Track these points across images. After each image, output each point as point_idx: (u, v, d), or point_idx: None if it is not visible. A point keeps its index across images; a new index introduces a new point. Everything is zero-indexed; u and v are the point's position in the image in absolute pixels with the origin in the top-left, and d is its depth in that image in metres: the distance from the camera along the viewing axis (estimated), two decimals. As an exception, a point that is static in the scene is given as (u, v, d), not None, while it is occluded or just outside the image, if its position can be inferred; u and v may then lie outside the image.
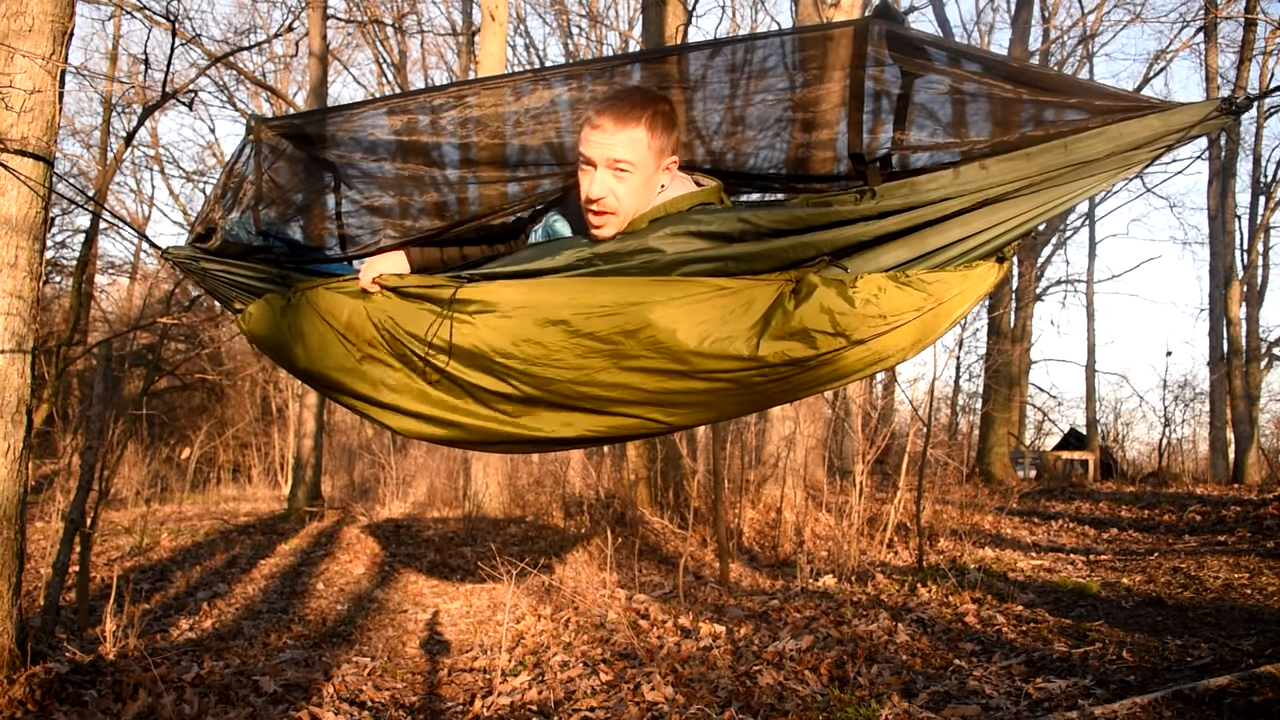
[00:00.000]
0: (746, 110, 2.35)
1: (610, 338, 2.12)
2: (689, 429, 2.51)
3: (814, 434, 11.42)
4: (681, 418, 2.31)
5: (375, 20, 19.89)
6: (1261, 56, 17.16)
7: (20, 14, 3.97)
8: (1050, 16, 21.82)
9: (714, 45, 2.27)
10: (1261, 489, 12.15)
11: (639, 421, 2.30)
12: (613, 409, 2.25)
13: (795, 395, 2.32)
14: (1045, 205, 2.16)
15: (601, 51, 23.12)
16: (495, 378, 2.24)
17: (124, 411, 10.60)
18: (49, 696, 3.76)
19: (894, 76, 2.15)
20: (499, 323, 2.20)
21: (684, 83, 2.25)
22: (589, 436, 2.36)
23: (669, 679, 4.56)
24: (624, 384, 2.17)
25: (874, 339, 2.13)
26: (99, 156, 19.92)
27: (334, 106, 2.69)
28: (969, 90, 2.13)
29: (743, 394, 2.21)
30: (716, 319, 2.10)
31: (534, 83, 2.28)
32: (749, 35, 3.22)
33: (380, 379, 2.38)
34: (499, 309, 2.19)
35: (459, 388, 2.30)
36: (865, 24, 2.08)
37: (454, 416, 2.35)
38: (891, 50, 2.10)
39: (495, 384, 2.25)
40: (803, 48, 2.19)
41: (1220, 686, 3.84)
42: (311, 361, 2.43)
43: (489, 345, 2.20)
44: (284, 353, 2.48)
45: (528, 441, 2.40)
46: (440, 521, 11.43)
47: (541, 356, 2.17)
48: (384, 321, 2.31)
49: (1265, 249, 18.62)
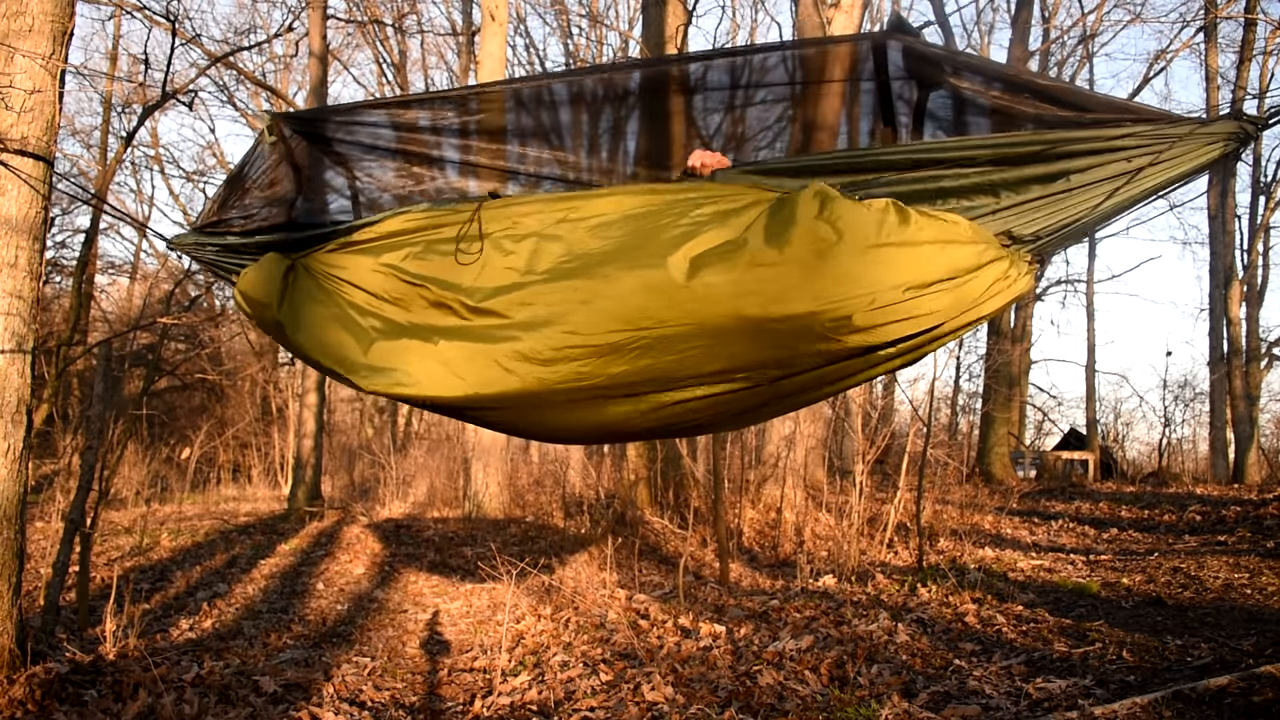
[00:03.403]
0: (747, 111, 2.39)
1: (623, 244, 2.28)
2: (692, 390, 2.53)
3: (814, 434, 11.42)
4: (679, 364, 2.34)
5: (375, 20, 19.88)
6: (1261, 56, 17.15)
7: (20, 14, 3.97)
8: (1050, 16, 21.81)
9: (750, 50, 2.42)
10: (1261, 489, 12.14)
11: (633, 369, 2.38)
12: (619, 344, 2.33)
13: (774, 313, 2.34)
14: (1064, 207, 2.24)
15: (601, 52, 23.13)
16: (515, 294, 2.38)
17: (124, 411, 10.60)
18: (49, 696, 3.76)
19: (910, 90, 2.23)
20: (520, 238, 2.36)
21: (683, 84, 2.31)
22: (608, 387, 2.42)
23: (669, 679, 4.56)
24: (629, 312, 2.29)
25: (862, 247, 2.21)
26: (99, 156, 19.93)
27: (340, 105, 2.81)
28: (978, 101, 2.20)
29: (745, 335, 2.27)
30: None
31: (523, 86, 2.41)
32: (790, 43, 3.63)
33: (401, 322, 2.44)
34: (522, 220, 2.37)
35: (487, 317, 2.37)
36: (882, 38, 2.15)
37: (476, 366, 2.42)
38: (909, 63, 2.18)
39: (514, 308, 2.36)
40: (805, 62, 2.27)
41: (1220, 686, 3.84)
42: (311, 322, 2.48)
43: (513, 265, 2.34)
44: (270, 314, 2.52)
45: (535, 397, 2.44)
46: (440, 521, 11.43)
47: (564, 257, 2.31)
48: (403, 257, 2.36)
49: (1265, 249, 18.61)
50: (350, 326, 2.43)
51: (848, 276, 2.24)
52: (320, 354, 2.50)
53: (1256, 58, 16.84)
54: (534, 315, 2.28)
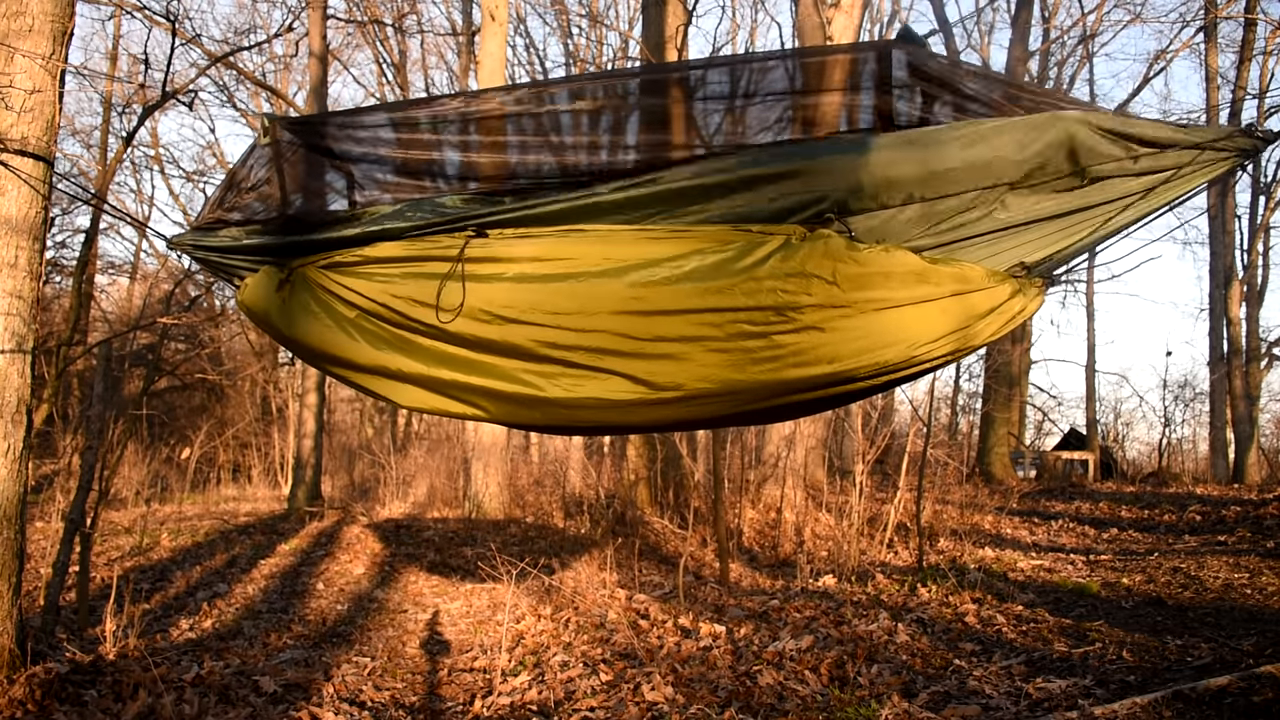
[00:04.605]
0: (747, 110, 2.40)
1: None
2: (680, 409, 2.56)
3: (814, 434, 11.43)
4: (664, 374, 2.34)
5: (375, 20, 19.87)
6: (1261, 56, 17.13)
7: (20, 14, 3.97)
8: (1050, 16, 21.81)
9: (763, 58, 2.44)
10: (1261, 489, 12.14)
11: (622, 381, 2.37)
12: (602, 362, 2.32)
13: (788, 377, 2.33)
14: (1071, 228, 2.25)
15: (601, 51, 23.13)
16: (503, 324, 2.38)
17: (124, 411, 10.60)
18: (49, 696, 3.76)
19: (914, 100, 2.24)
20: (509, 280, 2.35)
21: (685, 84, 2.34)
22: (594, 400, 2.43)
23: (669, 679, 4.56)
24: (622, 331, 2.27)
25: (876, 307, 2.18)
26: (99, 156, 19.92)
27: (338, 111, 2.83)
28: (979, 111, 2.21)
29: (731, 354, 2.25)
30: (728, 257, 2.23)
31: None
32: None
33: (392, 347, 2.45)
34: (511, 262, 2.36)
35: (469, 347, 2.39)
36: (887, 46, 2.16)
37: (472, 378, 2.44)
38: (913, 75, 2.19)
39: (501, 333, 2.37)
40: (805, 71, 2.28)
41: (1220, 686, 3.84)
42: (308, 334, 2.48)
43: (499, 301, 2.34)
44: (271, 323, 2.54)
45: (530, 400, 2.45)
46: (440, 521, 11.42)
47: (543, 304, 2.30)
48: (388, 291, 2.36)
49: (1265, 249, 18.58)
50: (349, 337, 2.46)
51: (859, 340, 2.23)
52: (331, 365, 2.55)
53: (1256, 58, 16.82)
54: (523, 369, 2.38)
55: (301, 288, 2.44)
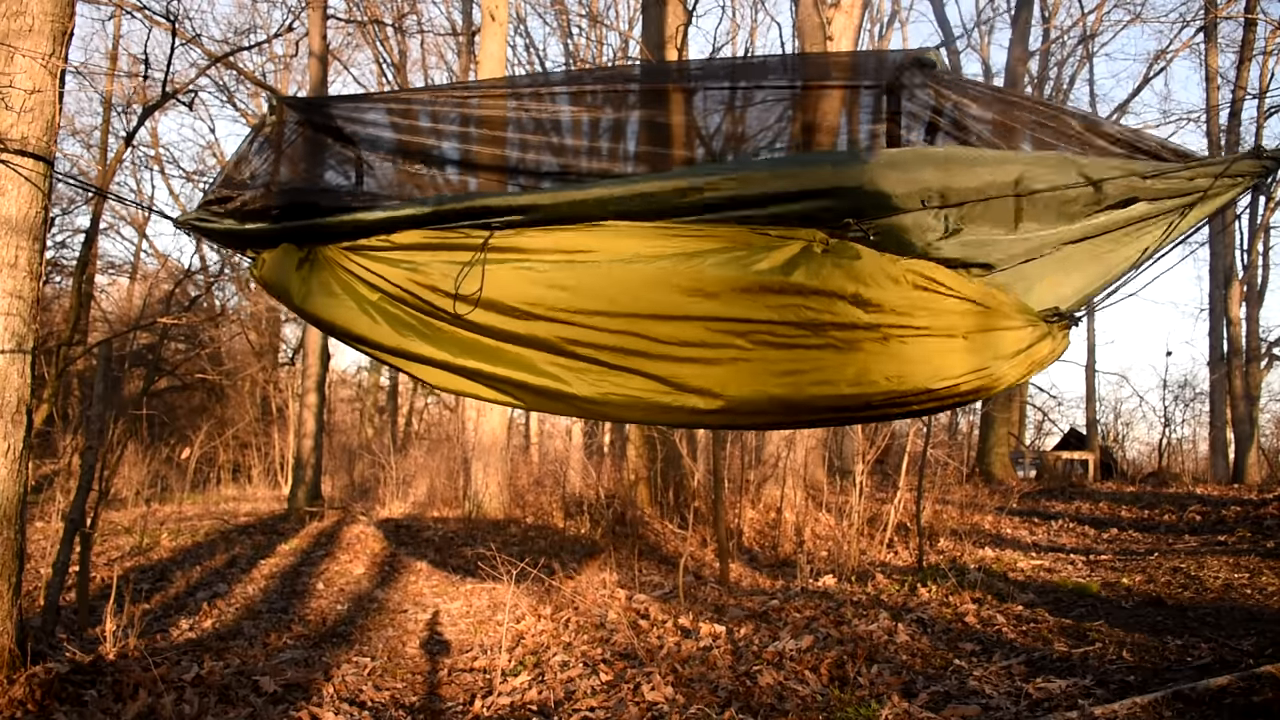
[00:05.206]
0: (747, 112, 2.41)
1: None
2: (697, 418, 2.56)
3: (814, 434, 11.42)
4: (695, 377, 2.34)
5: (375, 20, 19.88)
6: (1261, 56, 17.14)
7: (20, 14, 3.97)
8: (1050, 16, 21.82)
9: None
10: (1261, 489, 12.14)
11: (650, 382, 2.37)
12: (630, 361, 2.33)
13: (818, 386, 2.31)
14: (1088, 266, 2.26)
15: (601, 51, 23.13)
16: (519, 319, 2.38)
17: (124, 411, 10.60)
18: (49, 696, 3.76)
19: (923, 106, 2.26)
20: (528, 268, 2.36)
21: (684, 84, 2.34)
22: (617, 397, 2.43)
23: (669, 679, 4.55)
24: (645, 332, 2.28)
25: (897, 325, 2.17)
26: (99, 156, 19.92)
27: (346, 95, 2.87)
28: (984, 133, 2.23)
29: (754, 364, 2.25)
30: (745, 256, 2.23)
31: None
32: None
33: (410, 327, 2.45)
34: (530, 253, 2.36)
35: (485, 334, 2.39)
36: (902, 61, 2.18)
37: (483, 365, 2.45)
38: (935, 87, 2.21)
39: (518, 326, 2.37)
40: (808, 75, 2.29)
41: (1220, 686, 3.84)
42: (330, 313, 2.48)
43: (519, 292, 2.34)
44: (292, 300, 2.54)
45: (550, 395, 2.45)
46: (440, 521, 11.43)
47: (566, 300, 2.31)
48: (411, 278, 2.37)
49: (1265, 249, 18.59)
50: (371, 319, 2.47)
51: (879, 367, 2.22)
52: (355, 343, 2.56)
53: (1256, 58, 16.83)
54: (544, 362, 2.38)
55: (322, 266, 2.44)
